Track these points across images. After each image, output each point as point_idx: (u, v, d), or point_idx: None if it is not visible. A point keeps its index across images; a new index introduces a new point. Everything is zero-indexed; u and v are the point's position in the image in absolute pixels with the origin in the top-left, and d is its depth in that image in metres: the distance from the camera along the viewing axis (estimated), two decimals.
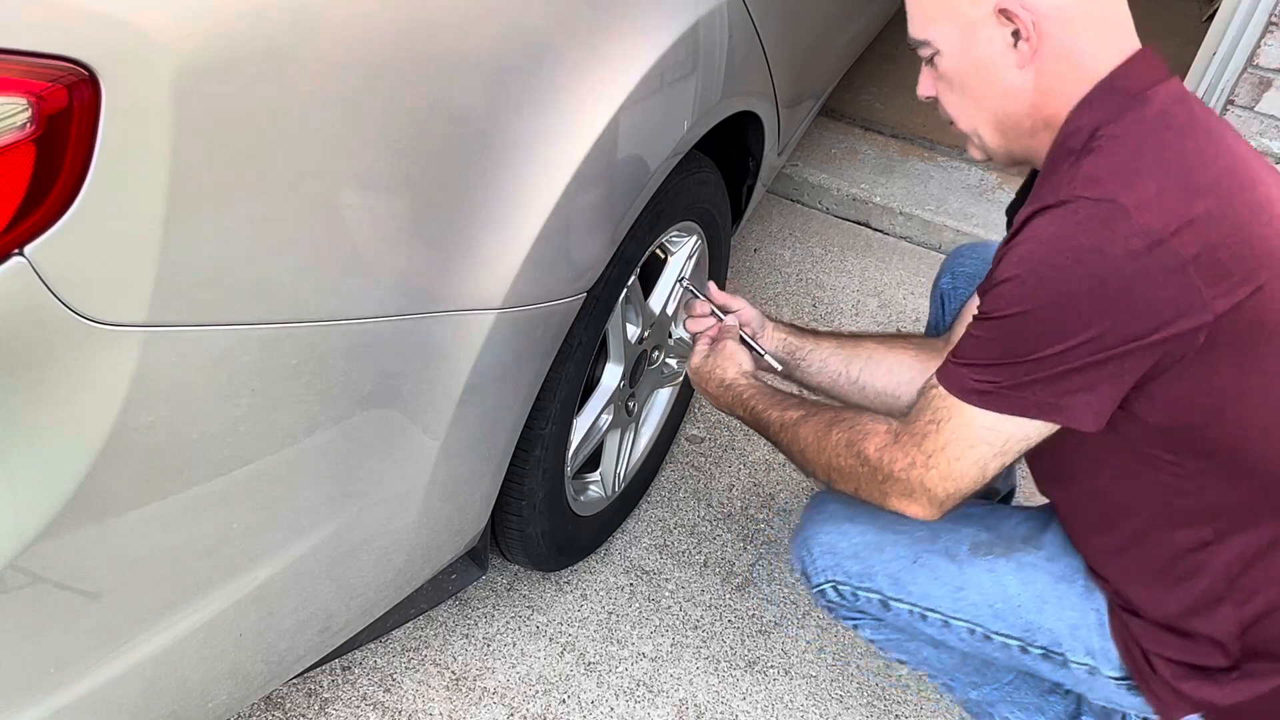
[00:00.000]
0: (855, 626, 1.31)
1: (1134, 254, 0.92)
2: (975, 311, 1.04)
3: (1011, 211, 1.23)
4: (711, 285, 1.44)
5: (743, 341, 1.38)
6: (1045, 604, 1.18)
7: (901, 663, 1.36)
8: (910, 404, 1.19)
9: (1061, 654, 1.18)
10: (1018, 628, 1.19)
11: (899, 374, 1.35)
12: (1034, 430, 1.02)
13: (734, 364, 1.34)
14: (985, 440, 1.03)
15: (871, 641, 1.33)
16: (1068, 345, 0.95)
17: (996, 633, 1.20)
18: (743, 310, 1.42)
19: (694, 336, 1.43)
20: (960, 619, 1.21)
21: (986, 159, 1.14)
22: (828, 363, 1.40)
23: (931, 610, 1.21)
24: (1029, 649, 1.19)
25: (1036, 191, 1.03)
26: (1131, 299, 0.93)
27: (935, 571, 1.21)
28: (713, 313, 1.41)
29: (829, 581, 1.26)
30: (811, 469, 1.20)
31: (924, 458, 1.05)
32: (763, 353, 1.39)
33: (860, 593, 1.24)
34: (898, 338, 1.42)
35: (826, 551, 1.25)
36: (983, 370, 1.01)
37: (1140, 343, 0.94)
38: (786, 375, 1.42)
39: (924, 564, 1.21)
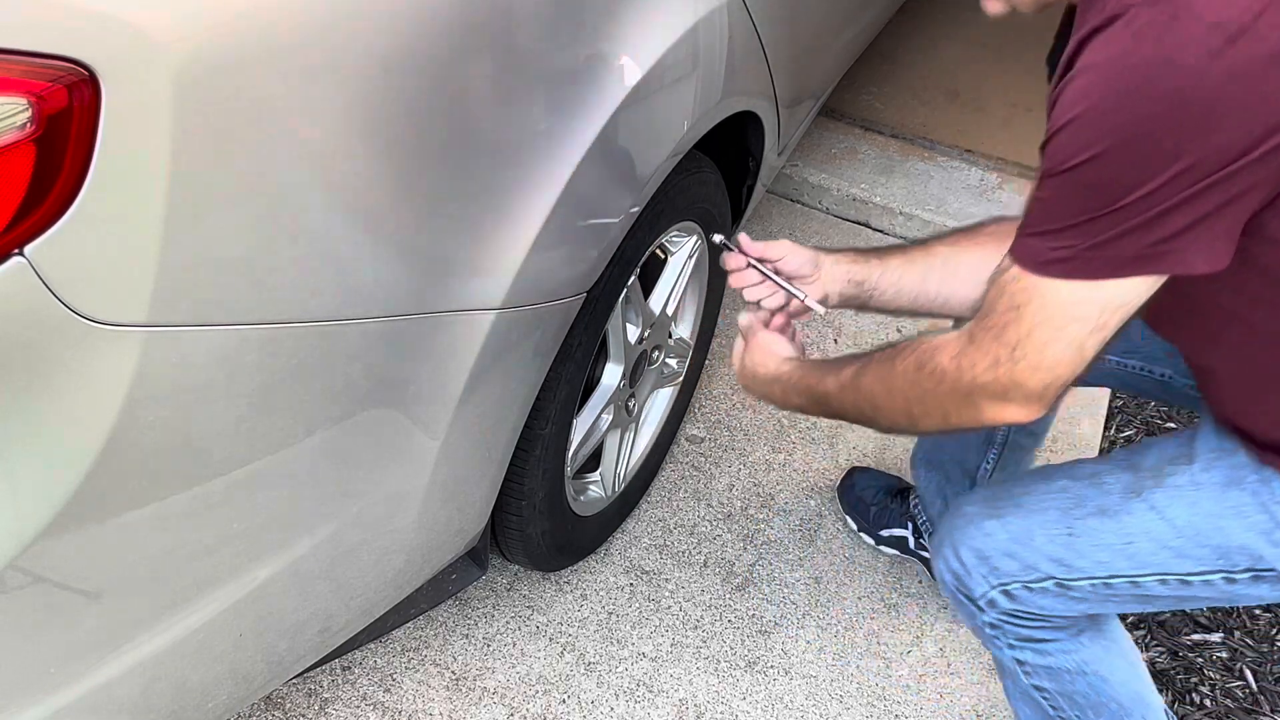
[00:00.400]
0: (1015, 647, 1.20)
1: (1214, 53, 0.75)
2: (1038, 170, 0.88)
3: (1052, 61, 1.07)
4: (743, 236, 1.28)
5: (773, 282, 1.25)
6: (1222, 519, 1.03)
7: (1039, 690, 1.24)
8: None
9: (1272, 569, 1.03)
10: (1208, 559, 1.05)
11: (985, 273, 1.21)
12: (1133, 292, 0.86)
13: (771, 355, 1.23)
14: (1077, 317, 0.87)
15: (1021, 665, 1.22)
16: (1157, 183, 0.79)
17: (1190, 574, 1.06)
18: (787, 257, 1.25)
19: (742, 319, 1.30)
20: (1146, 574, 1.08)
21: (1010, 10, 0.97)
22: (902, 284, 1.24)
23: (1114, 576, 1.09)
24: (1234, 577, 1.05)
25: (1080, 20, 0.86)
26: (1224, 109, 0.76)
27: (1095, 535, 1.08)
28: (749, 265, 1.27)
29: (996, 588, 1.15)
30: (892, 418, 1.05)
31: (1008, 351, 0.90)
32: (800, 296, 1.24)
33: (1033, 586, 1.13)
34: (969, 233, 1.25)
35: (979, 559, 1.15)
36: (1059, 235, 0.85)
37: (1249, 158, 0.77)
38: (862, 307, 1.28)
39: (1080, 532, 1.09)
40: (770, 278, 1.25)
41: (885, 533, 1.80)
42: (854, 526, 1.84)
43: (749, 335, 1.27)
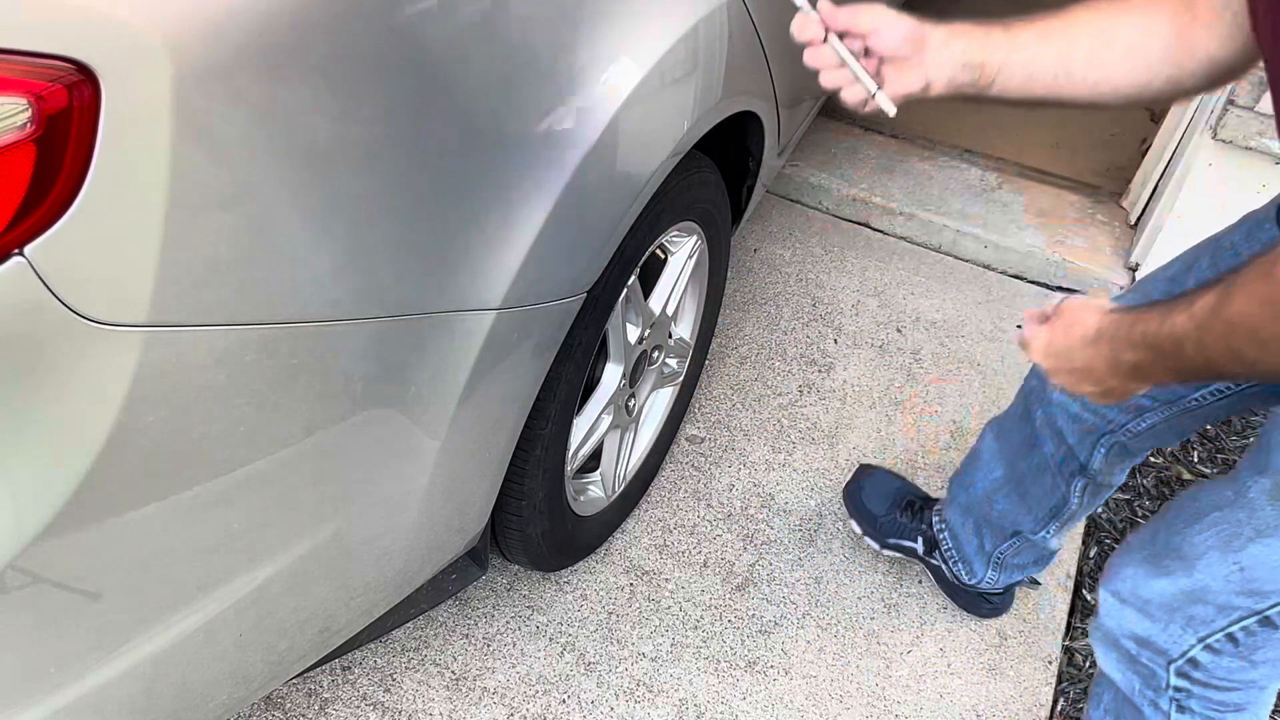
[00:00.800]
0: (1189, 712, 1.11)
1: None
2: None
3: None
4: (825, 1, 0.99)
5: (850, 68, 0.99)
6: None
7: None
8: (1179, 85, 0.90)
9: None
10: None
11: (1147, 47, 0.96)
12: None
13: (1087, 311, 0.96)
14: None
15: None
16: None
17: None
18: (880, 30, 0.98)
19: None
20: None
21: None
22: (1036, 65, 1.00)
23: None
24: None
25: None
26: None
27: (1267, 557, 0.99)
28: (827, 38, 0.98)
29: (1199, 643, 1.06)
30: None
31: None
32: (871, 89, 0.99)
33: (1234, 630, 1.04)
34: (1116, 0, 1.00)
35: (1169, 611, 1.06)
36: None
37: None
38: (978, 97, 1.04)
39: (1250, 563, 1.00)
40: (844, 59, 0.99)
41: (892, 541, 1.77)
42: (858, 530, 1.82)
43: (1055, 317, 1.01)
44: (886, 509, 1.77)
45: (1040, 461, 1.41)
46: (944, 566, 1.70)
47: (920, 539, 1.73)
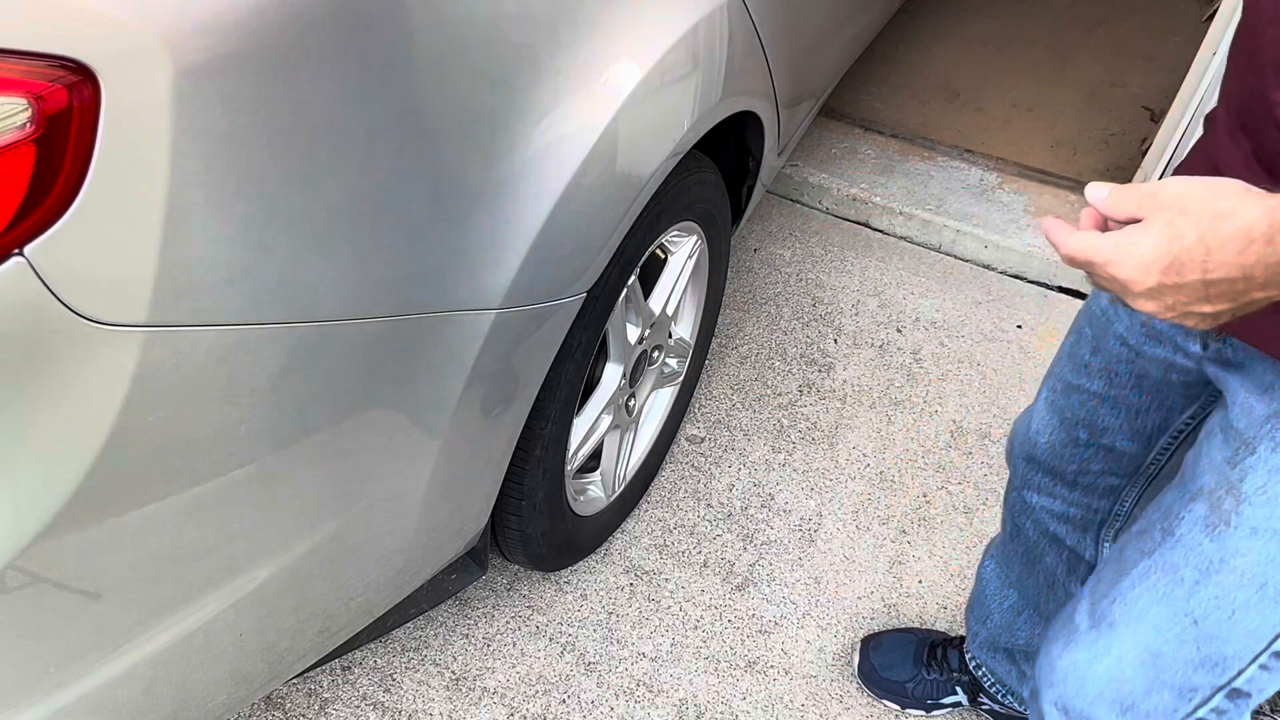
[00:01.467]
0: None
1: None
2: None
3: None
4: None
5: None
6: None
7: None
8: None
9: None
10: None
11: None
12: None
13: (1230, 205, 0.65)
14: None
15: None
16: None
17: None
18: None
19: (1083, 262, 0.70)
20: None
21: None
22: None
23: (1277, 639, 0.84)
24: None
25: None
26: None
27: (1221, 602, 0.84)
28: None
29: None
30: None
31: None
32: None
33: (1202, 714, 0.89)
34: None
35: (1123, 710, 0.91)
36: None
37: None
38: None
39: (1202, 612, 0.86)
40: None
41: (931, 702, 1.60)
42: (896, 707, 1.62)
43: (1140, 208, 0.68)
44: (911, 672, 1.60)
45: (1046, 577, 1.32)
46: (998, 707, 1.54)
47: (959, 689, 1.57)
